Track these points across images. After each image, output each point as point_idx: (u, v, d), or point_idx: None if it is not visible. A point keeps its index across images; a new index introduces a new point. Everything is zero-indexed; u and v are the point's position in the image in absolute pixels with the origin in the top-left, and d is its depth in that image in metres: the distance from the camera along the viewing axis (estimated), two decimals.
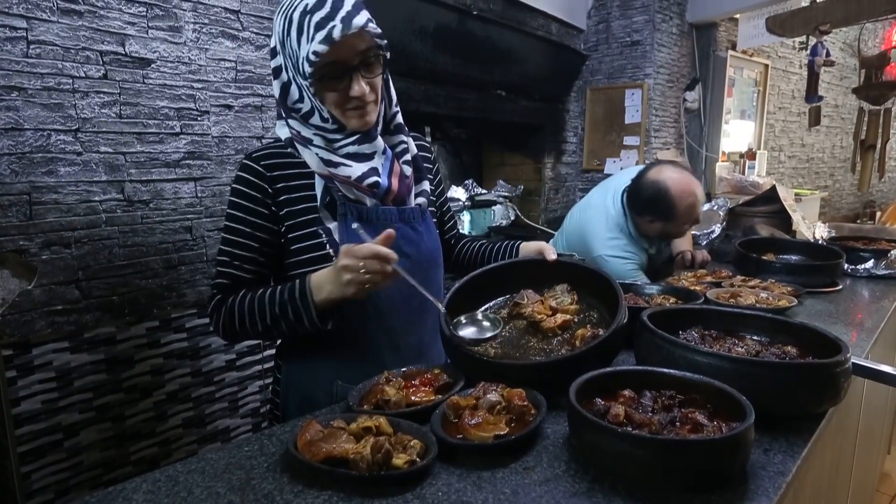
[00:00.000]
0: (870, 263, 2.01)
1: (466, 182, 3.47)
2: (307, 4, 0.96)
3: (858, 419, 1.64)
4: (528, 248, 1.26)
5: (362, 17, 0.97)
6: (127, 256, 1.62)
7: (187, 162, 1.73)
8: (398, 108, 1.15)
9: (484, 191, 3.46)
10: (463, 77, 2.73)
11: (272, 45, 1.02)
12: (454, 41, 2.56)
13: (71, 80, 1.46)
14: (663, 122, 3.68)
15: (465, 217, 3.38)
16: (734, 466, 0.73)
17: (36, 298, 1.46)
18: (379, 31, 1.00)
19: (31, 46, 1.39)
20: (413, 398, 0.95)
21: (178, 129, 1.69)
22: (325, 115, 1.03)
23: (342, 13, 0.95)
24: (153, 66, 1.61)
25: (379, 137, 1.09)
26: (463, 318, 1.07)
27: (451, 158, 3.67)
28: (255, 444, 0.87)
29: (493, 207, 3.43)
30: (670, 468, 0.70)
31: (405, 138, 1.16)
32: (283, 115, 1.06)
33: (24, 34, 1.38)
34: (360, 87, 0.99)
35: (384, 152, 1.10)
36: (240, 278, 1.06)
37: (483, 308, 1.19)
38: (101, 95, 1.52)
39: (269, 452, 0.84)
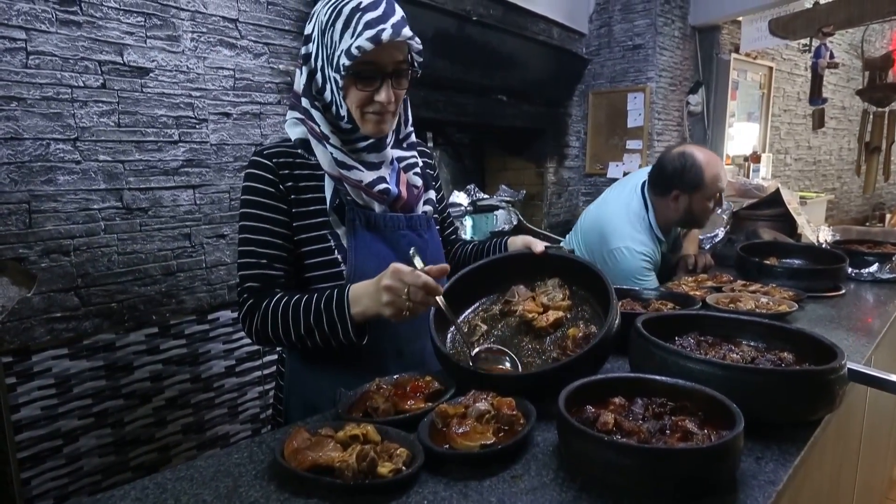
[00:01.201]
0: (874, 267, 1.98)
1: (468, 187, 3.46)
2: (360, 2, 0.98)
3: (862, 424, 1.61)
4: (514, 242, 1.25)
5: (409, 30, 0.99)
6: (126, 264, 1.63)
7: (186, 170, 1.74)
8: (413, 128, 1.17)
9: (486, 196, 3.46)
10: (463, 82, 2.74)
11: (307, 33, 1.03)
12: (453, 47, 2.57)
13: (70, 90, 1.48)
14: (666, 126, 3.67)
15: (468, 222, 3.38)
16: (722, 475, 0.72)
17: (35, 306, 1.47)
18: (419, 47, 1.03)
19: (31, 57, 1.41)
20: (403, 406, 0.95)
21: (176, 138, 1.70)
22: (343, 112, 1.04)
23: (393, 20, 0.98)
24: (151, 74, 1.63)
25: (388, 149, 1.10)
26: (483, 353, 1.05)
27: (453, 163, 3.68)
28: (245, 452, 0.87)
29: (496, 212, 3.43)
30: (657, 477, 0.69)
31: (416, 153, 1.18)
32: (308, 104, 1.06)
33: (24, 45, 1.40)
34: (387, 94, 1.01)
35: (391, 163, 1.12)
36: (270, 277, 1.04)
37: (474, 306, 1.18)
38: (100, 104, 1.54)
39: (259, 460, 0.84)
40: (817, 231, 2.60)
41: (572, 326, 1.08)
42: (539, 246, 1.20)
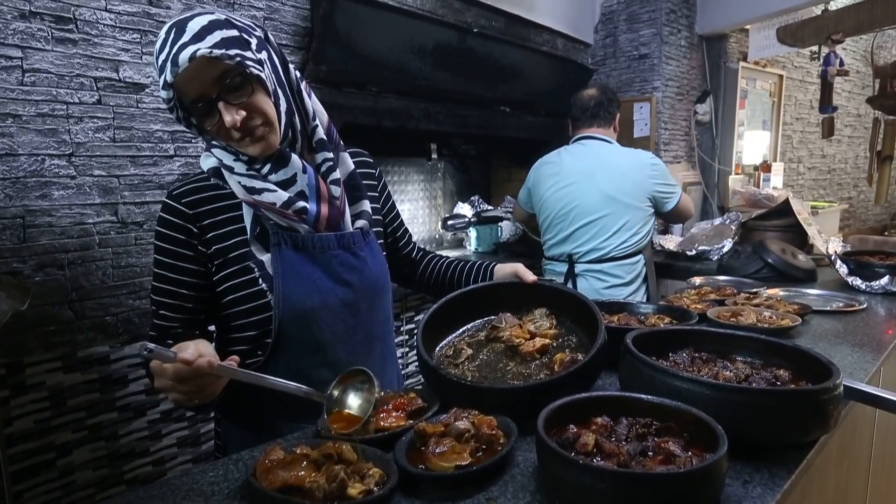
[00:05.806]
0: (884, 280, 1.92)
1: (472, 198, 3.45)
2: (157, 45, 0.90)
3: (871, 444, 1.55)
4: (503, 269, 1.23)
5: (200, 45, 0.87)
6: (120, 277, 1.64)
7: None
8: (317, 122, 1.05)
9: (490, 207, 3.45)
10: (465, 94, 2.73)
11: None
12: (455, 59, 2.56)
13: (65, 106, 1.50)
14: (673, 136, 3.63)
15: (472, 233, 3.36)
16: (703, 501, 0.68)
17: (29, 319, 1.48)
18: (232, 52, 0.88)
19: (27, 75, 1.43)
20: (383, 423, 0.93)
21: (171, 152, 1.71)
22: (224, 145, 0.99)
23: (174, 50, 0.86)
24: (147, 90, 1.64)
25: (294, 157, 1.01)
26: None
27: (458, 175, 3.67)
28: (221, 470, 0.85)
29: (501, 223, 3.41)
30: (633, 502, 0.66)
31: (329, 155, 1.06)
32: (206, 143, 1.02)
33: (20, 63, 1.42)
34: (230, 116, 0.91)
35: (304, 171, 1.02)
36: (166, 329, 1.02)
37: (460, 331, 1.16)
38: (95, 120, 1.55)
39: (233, 478, 0.83)
40: (827, 242, 2.53)
41: (559, 352, 1.06)
42: (529, 275, 1.18)
